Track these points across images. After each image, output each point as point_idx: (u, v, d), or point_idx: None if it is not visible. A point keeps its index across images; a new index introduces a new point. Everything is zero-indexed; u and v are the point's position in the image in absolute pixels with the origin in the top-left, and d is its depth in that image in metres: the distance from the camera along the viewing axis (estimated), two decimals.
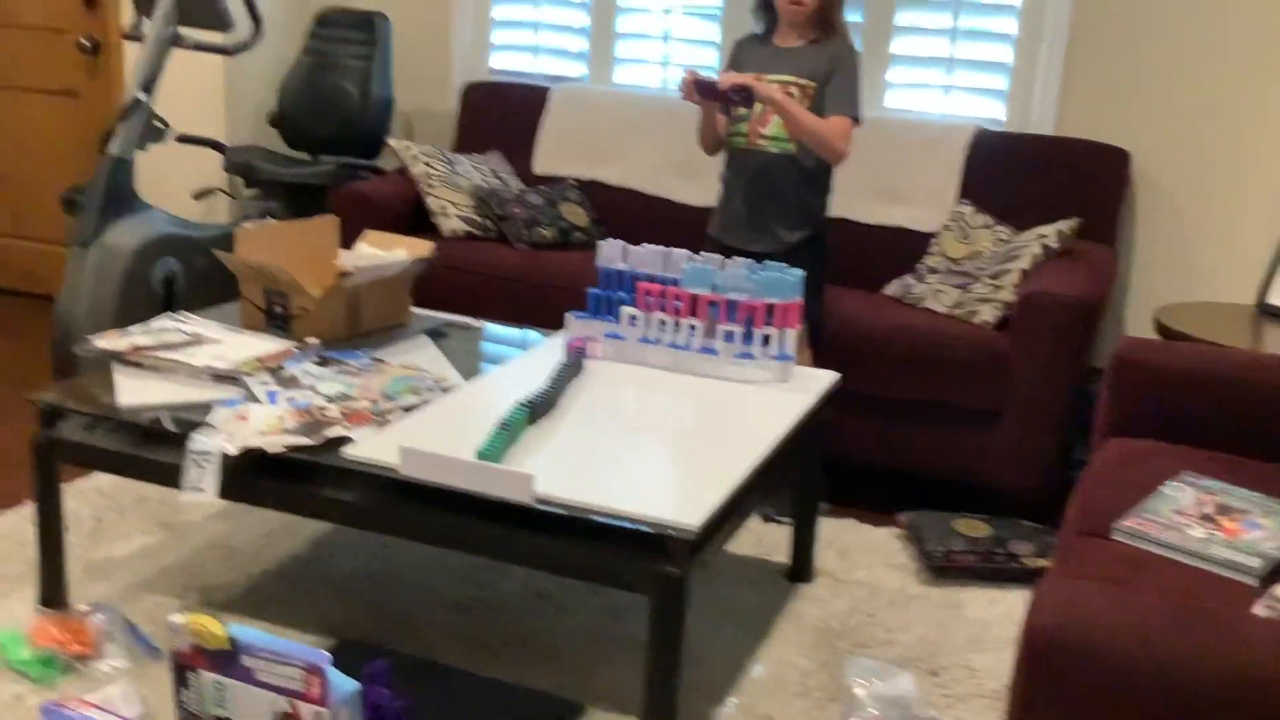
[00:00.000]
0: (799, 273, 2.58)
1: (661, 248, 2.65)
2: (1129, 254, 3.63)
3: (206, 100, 4.12)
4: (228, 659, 1.85)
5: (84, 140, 4.30)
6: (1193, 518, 2.02)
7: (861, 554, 2.92)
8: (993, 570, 2.81)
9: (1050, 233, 3.26)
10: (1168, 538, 1.96)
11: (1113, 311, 3.61)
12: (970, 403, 3.09)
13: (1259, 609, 1.73)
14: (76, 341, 2.90)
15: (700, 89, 2.88)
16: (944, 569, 2.82)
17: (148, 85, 3.40)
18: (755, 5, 3.07)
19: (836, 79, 2.94)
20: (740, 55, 3.08)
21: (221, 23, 3.43)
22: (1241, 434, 2.38)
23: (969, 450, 3.12)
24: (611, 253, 2.68)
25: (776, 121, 2.96)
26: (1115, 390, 2.48)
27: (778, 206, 3.02)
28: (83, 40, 4.26)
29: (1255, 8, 3.39)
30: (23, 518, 2.79)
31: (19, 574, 2.59)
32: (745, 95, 2.86)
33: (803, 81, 2.95)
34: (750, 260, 2.63)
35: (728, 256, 2.67)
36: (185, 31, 3.46)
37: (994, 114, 3.70)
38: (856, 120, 2.95)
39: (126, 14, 3.75)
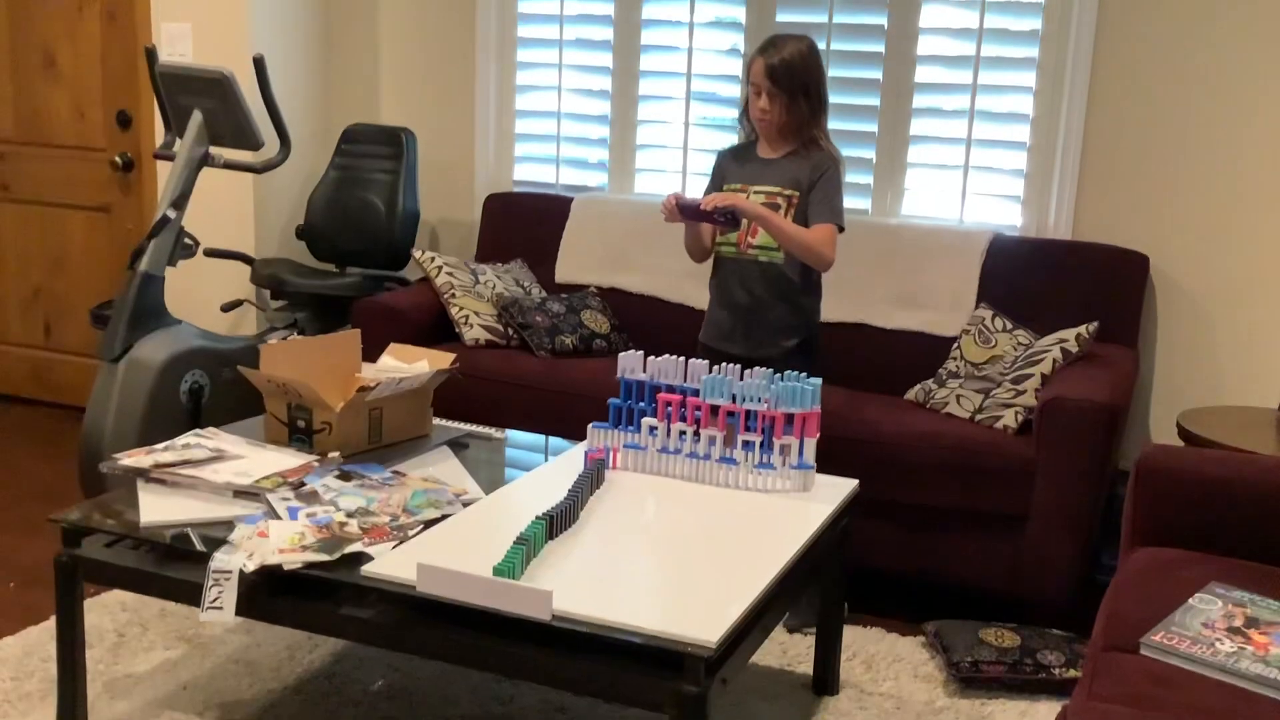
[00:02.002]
0: (817, 381, 2.59)
1: (680, 359, 2.67)
2: (1150, 356, 3.62)
3: (236, 215, 4.21)
4: None
5: (116, 255, 4.39)
6: (1222, 631, 1.99)
7: (888, 664, 2.87)
8: (1022, 681, 2.76)
9: (1070, 336, 3.26)
10: (1196, 653, 1.93)
11: (1136, 414, 3.59)
12: (994, 509, 3.06)
13: None
14: (103, 456, 2.93)
15: (684, 211, 2.94)
16: (972, 680, 2.77)
17: (178, 203, 3.48)
18: (740, 116, 3.14)
19: (819, 188, 2.98)
20: (725, 167, 3.15)
21: (251, 142, 3.52)
22: (1270, 542, 2.34)
23: (994, 557, 3.09)
24: (631, 363, 2.70)
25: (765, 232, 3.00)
26: (1141, 499, 2.45)
27: (769, 314, 3.04)
28: (116, 159, 4.37)
29: (1272, 109, 3.43)
30: (48, 633, 2.79)
31: (41, 691, 2.59)
32: (729, 215, 2.91)
33: (787, 191, 3.00)
34: (768, 370, 2.64)
35: (719, 362, 2.69)
36: (216, 150, 3.56)
37: (1010, 220, 3.73)
38: (840, 228, 2.98)
39: (159, 134, 3.85)
